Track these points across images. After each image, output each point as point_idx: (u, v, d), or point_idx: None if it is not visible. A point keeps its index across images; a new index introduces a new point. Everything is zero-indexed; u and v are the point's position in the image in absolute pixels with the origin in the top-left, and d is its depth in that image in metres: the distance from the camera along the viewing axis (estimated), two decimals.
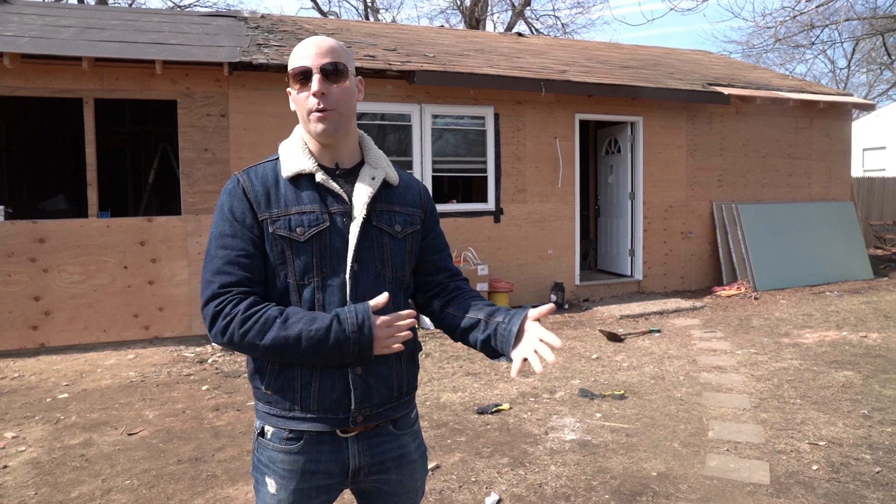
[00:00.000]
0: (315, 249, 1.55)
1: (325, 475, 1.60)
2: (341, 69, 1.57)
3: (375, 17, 26.07)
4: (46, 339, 6.65)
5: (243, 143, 7.27)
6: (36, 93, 6.67)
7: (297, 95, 1.58)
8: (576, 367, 5.96)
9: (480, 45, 10.80)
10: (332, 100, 1.56)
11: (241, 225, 1.55)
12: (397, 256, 1.65)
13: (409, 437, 1.72)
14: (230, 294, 1.51)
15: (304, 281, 1.56)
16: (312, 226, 1.55)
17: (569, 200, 9.17)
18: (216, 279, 1.53)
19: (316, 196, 1.58)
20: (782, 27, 14.88)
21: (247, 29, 8.86)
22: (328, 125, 1.56)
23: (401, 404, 1.68)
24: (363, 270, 1.59)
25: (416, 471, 1.73)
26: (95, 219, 6.85)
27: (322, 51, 1.56)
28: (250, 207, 1.56)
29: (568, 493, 3.47)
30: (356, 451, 1.61)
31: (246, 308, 1.50)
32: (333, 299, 1.56)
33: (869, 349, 6.35)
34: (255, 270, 1.55)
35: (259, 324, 1.48)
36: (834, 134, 11.37)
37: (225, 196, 1.59)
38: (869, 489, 3.43)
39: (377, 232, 1.62)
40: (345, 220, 1.59)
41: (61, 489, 3.58)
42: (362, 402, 1.58)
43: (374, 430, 1.64)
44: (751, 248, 9.93)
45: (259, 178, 1.59)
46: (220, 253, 1.54)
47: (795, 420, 4.48)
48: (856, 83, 33.29)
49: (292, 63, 1.58)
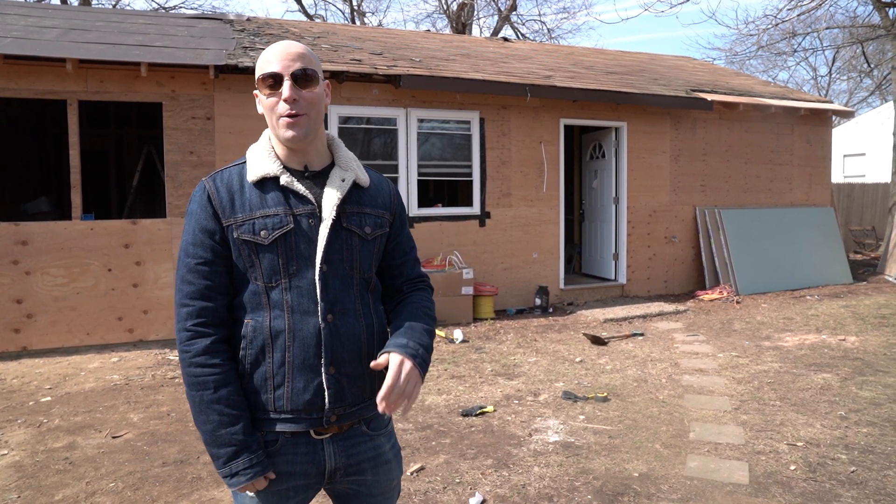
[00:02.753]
0: (280, 251, 1.57)
1: (302, 476, 1.63)
2: (311, 75, 1.58)
3: (362, 20, 26.08)
4: (29, 342, 6.60)
5: (229, 146, 7.26)
6: (19, 94, 6.63)
7: (267, 100, 1.59)
8: (559, 370, 6.01)
9: (467, 50, 10.86)
10: (302, 105, 1.57)
11: (202, 233, 1.58)
12: (366, 258, 1.67)
13: (384, 438, 1.74)
14: (190, 320, 1.57)
15: (271, 283, 1.58)
16: (276, 228, 1.57)
17: (553, 205, 9.23)
18: (182, 288, 1.58)
19: (281, 198, 1.59)
20: (765, 34, 15.11)
21: (232, 32, 8.86)
22: (298, 131, 1.57)
23: (373, 404, 1.68)
24: (332, 271, 1.60)
25: (392, 471, 1.76)
26: (79, 221, 6.81)
27: (292, 56, 1.57)
28: (213, 214, 1.58)
29: (551, 493, 3.51)
30: (332, 453, 1.64)
31: (197, 352, 1.56)
32: (303, 300, 1.58)
33: (847, 352, 6.46)
34: (216, 277, 1.58)
35: (195, 378, 1.56)
36: (815, 140, 11.54)
37: (192, 203, 1.62)
38: (844, 488, 3.50)
39: (347, 233, 1.63)
40: (311, 221, 1.60)
41: (45, 492, 3.57)
42: (335, 401, 1.60)
43: (349, 431, 1.66)
44: (733, 252, 10.05)
45: (224, 183, 1.61)
46: (185, 260, 1.59)
47: (774, 421, 4.55)
48: (837, 90, 33.79)
49: (262, 68, 1.58)
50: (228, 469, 1.54)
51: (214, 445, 1.55)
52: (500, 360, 6.39)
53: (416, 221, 8.29)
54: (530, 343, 7.08)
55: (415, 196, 8.36)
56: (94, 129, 11.61)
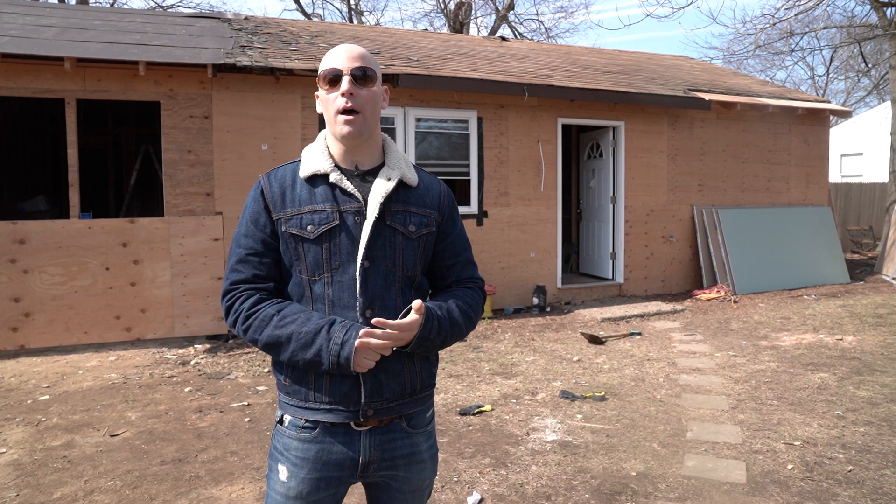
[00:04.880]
0: (325, 246, 1.62)
1: (336, 467, 1.65)
2: (370, 74, 1.65)
3: (359, 19, 26.07)
4: (26, 340, 6.60)
5: (227, 145, 7.26)
6: (17, 93, 6.62)
7: (327, 96, 1.66)
8: (557, 369, 6.02)
9: (464, 49, 10.86)
10: (359, 101, 1.63)
11: (254, 225, 1.67)
12: (409, 256, 1.69)
13: (422, 437, 1.76)
14: (238, 290, 1.65)
15: (315, 276, 1.63)
16: (322, 224, 1.62)
17: (551, 204, 9.24)
18: (230, 276, 1.67)
19: (329, 195, 1.65)
20: (763, 34, 15.13)
21: (230, 31, 8.85)
22: (354, 128, 1.63)
23: (414, 401, 1.71)
24: (374, 268, 1.63)
25: (425, 470, 1.77)
26: (77, 220, 6.80)
27: (353, 56, 1.65)
28: (265, 208, 1.66)
29: (549, 492, 3.52)
30: (367, 446, 1.66)
31: (249, 306, 1.63)
32: (343, 294, 1.62)
33: (844, 352, 6.48)
34: (264, 268, 1.66)
35: (257, 321, 1.61)
36: (812, 140, 11.56)
37: (248, 198, 1.71)
38: (841, 487, 3.51)
39: (390, 231, 1.66)
40: (357, 218, 1.64)
41: (43, 490, 3.57)
42: (372, 396, 1.63)
43: (388, 425, 1.69)
44: (730, 252, 10.07)
45: (278, 179, 1.69)
46: (236, 251, 1.69)
47: (772, 421, 4.56)
48: (834, 90, 33.88)
49: (324, 66, 1.66)
50: (335, 347, 1.53)
51: (305, 344, 1.56)
52: (498, 359, 6.40)
53: None
54: (528, 342, 7.09)
55: None
56: (92, 127, 11.59)
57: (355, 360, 1.53)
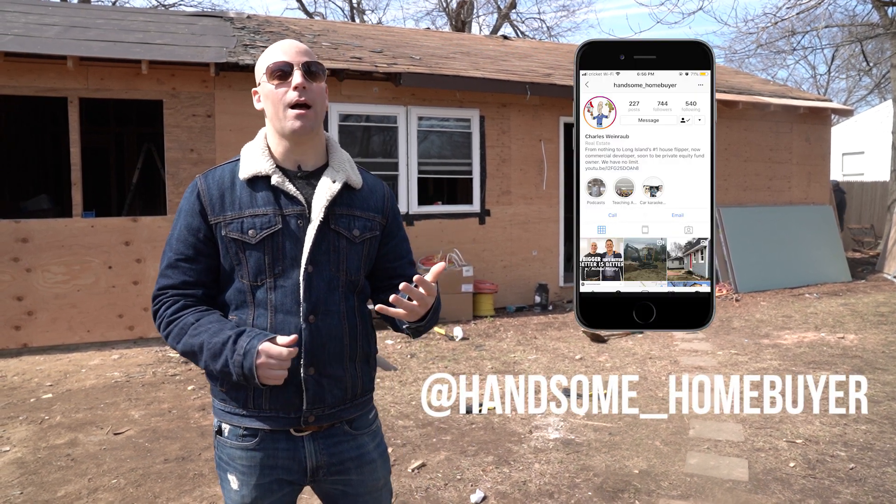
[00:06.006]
0: (267, 251, 1.57)
1: (284, 470, 1.62)
2: (319, 70, 1.61)
3: (361, 18, 26.07)
4: (29, 339, 6.61)
5: (229, 144, 7.27)
6: (20, 92, 6.63)
7: (275, 90, 1.57)
8: (560, 367, 6.03)
9: (466, 48, 10.87)
10: (311, 95, 1.58)
11: (187, 230, 1.61)
12: (353, 261, 1.65)
13: (368, 437, 1.72)
14: (164, 296, 1.61)
15: (256, 282, 1.58)
16: (264, 228, 1.56)
17: (553, 203, 9.25)
18: (159, 280, 1.63)
19: (271, 198, 1.59)
20: (764, 33, 15.10)
21: (233, 29, 8.86)
22: (306, 122, 1.57)
23: (355, 406, 1.68)
24: (317, 273, 1.59)
25: (377, 470, 1.73)
26: (80, 218, 6.82)
27: (301, 51, 1.61)
28: (201, 211, 1.59)
29: (552, 490, 3.52)
30: (312, 450, 1.62)
31: (172, 312, 1.59)
32: (286, 300, 1.57)
33: (846, 350, 6.48)
34: (194, 274, 1.61)
35: (177, 328, 1.57)
36: (814, 139, 11.55)
37: (183, 200, 1.64)
38: (843, 485, 3.52)
39: (334, 235, 1.62)
40: (300, 222, 1.59)
41: (47, 488, 3.58)
42: (314, 402, 1.58)
43: (330, 429, 1.64)
44: (732, 250, 10.07)
45: (216, 181, 1.61)
46: (167, 254, 1.63)
47: (774, 419, 4.57)
48: (836, 89, 33.79)
49: (271, 58, 1.58)
50: (238, 357, 1.46)
51: (213, 354, 1.50)
52: (500, 357, 6.41)
53: (416, 219, 8.30)
54: (530, 341, 7.10)
55: (415, 194, 8.37)
56: (95, 126, 11.59)
57: (258, 373, 1.45)
